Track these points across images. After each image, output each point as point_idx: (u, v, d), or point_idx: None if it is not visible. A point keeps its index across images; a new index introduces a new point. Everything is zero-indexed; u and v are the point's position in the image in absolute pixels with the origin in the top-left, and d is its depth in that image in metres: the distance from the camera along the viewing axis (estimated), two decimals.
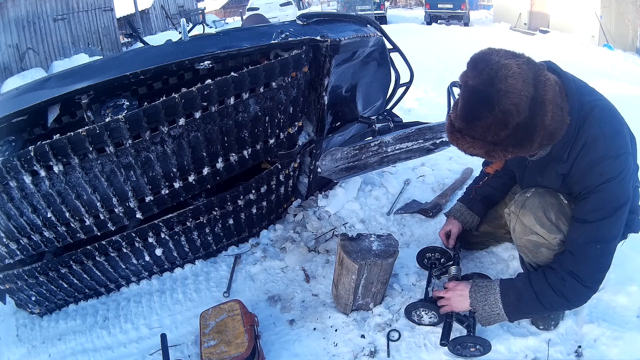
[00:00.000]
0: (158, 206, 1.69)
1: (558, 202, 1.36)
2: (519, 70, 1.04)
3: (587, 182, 1.22)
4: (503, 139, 1.07)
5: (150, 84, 2.02)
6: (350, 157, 2.10)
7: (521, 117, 1.03)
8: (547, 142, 1.12)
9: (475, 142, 1.10)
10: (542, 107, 1.06)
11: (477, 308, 1.40)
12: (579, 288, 1.26)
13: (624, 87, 4.95)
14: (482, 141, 1.09)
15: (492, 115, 1.04)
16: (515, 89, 1.02)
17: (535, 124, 1.06)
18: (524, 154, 1.14)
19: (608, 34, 9.91)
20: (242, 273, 1.99)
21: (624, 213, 1.23)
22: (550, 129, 1.08)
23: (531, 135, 1.07)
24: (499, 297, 1.36)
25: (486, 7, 20.24)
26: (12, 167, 1.40)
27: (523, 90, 1.03)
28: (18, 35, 10.02)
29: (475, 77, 1.07)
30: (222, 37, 1.68)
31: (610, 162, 1.18)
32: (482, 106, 1.05)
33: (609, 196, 1.20)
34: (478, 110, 1.06)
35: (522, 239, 1.41)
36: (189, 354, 1.62)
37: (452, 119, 1.15)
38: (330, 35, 1.75)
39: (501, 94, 1.02)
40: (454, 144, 1.17)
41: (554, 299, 1.29)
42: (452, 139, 1.17)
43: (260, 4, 15.40)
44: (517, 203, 1.42)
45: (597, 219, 1.22)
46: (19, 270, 1.78)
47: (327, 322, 1.67)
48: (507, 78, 1.03)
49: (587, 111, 1.21)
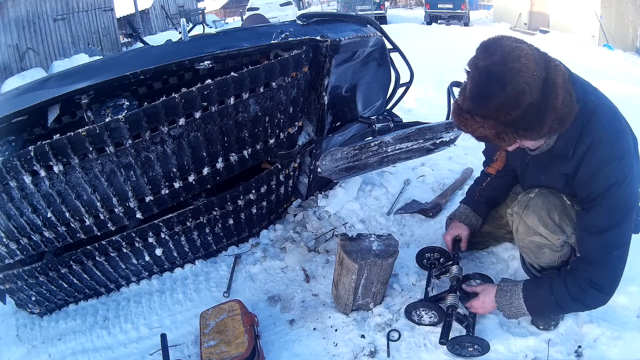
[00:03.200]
0: (158, 206, 1.69)
1: (561, 203, 1.35)
2: (531, 52, 1.05)
3: (594, 186, 1.22)
4: (514, 120, 1.06)
5: (150, 84, 2.02)
6: (350, 157, 2.10)
7: (533, 96, 1.03)
8: (557, 127, 1.11)
9: (486, 121, 1.08)
10: (554, 89, 1.05)
11: (503, 309, 1.47)
12: (599, 295, 1.29)
13: (624, 87, 4.95)
14: (494, 120, 1.07)
15: (505, 94, 1.03)
16: (528, 69, 1.02)
17: (547, 106, 1.05)
18: (534, 138, 1.13)
19: (608, 34, 9.91)
20: (242, 273, 1.99)
21: (633, 215, 1.24)
22: (561, 113, 1.08)
23: (542, 117, 1.06)
24: (522, 302, 1.41)
25: (486, 7, 20.24)
26: (12, 167, 1.40)
27: (535, 71, 1.03)
28: (18, 35, 10.01)
29: (487, 58, 1.07)
30: (222, 37, 1.68)
31: (616, 165, 1.18)
32: (494, 85, 1.04)
33: (619, 201, 1.21)
34: (490, 89, 1.05)
35: (525, 239, 1.41)
36: (189, 354, 1.62)
37: (460, 102, 1.13)
38: (330, 35, 1.75)
39: (514, 72, 1.02)
40: (462, 128, 1.15)
41: (574, 305, 1.33)
42: (460, 121, 1.14)
43: (260, 4, 15.39)
44: (520, 204, 1.42)
45: (610, 226, 1.22)
46: (19, 270, 1.78)
47: (327, 322, 1.67)
48: (520, 58, 1.03)
49: (592, 110, 1.20)
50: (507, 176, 1.75)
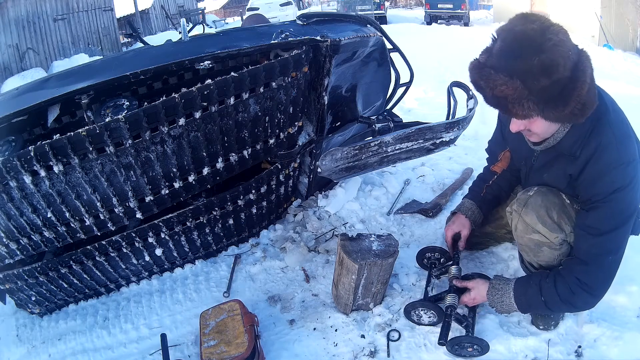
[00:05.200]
0: (158, 206, 1.69)
1: (560, 201, 1.36)
2: (569, 36, 1.05)
3: (597, 189, 1.22)
4: (540, 90, 1.04)
5: (150, 84, 2.02)
6: (350, 157, 2.10)
7: (564, 73, 1.02)
8: (578, 113, 1.09)
9: (512, 81, 1.04)
10: (583, 75, 1.05)
11: (495, 305, 1.49)
12: (588, 298, 1.29)
13: (624, 87, 4.94)
14: (521, 82, 1.03)
15: (539, 60, 1.01)
16: (565, 46, 1.02)
17: (574, 87, 1.04)
18: (552, 117, 1.12)
19: (608, 34, 9.91)
20: (242, 273, 1.99)
21: (632, 220, 1.24)
22: (584, 100, 1.07)
23: (568, 96, 1.05)
24: (513, 301, 1.43)
25: (486, 7, 20.23)
26: (12, 167, 1.40)
27: (571, 50, 1.03)
28: (18, 35, 10.01)
29: (526, 24, 1.04)
30: (222, 37, 1.68)
31: (622, 170, 1.18)
32: (529, 49, 1.02)
33: (621, 206, 1.21)
34: (524, 51, 1.03)
35: (523, 237, 1.42)
36: (189, 354, 1.62)
37: (484, 60, 1.10)
38: (330, 35, 1.75)
39: (551, 43, 1.01)
40: (481, 82, 1.10)
41: (563, 306, 1.34)
42: (480, 75, 1.09)
43: (260, 4, 15.39)
44: (519, 201, 1.42)
45: (610, 229, 1.22)
46: (19, 270, 1.78)
47: (327, 322, 1.67)
48: (558, 33, 1.03)
49: (603, 111, 1.20)
50: (511, 176, 1.74)
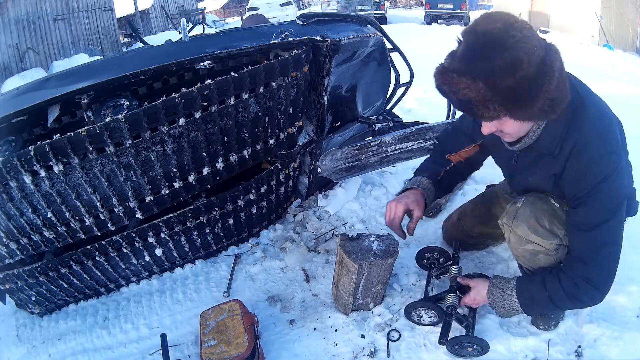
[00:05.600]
0: (158, 206, 1.69)
1: (549, 207, 1.34)
2: (534, 31, 1.02)
3: (583, 183, 1.19)
4: (505, 89, 0.99)
5: (150, 84, 2.02)
6: (350, 157, 2.10)
7: (530, 70, 0.97)
8: (548, 110, 1.04)
9: (474, 84, 1.00)
10: (550, 70, 1.00)
11: (496, 306, 1.43)
12: (594, 293, 1.26)
13: (624, 87, 4.95)
14: (484, 84, 0.99)
15: (502, 59, 0.97)
16: (530, 42, 0.98)
17: (541, 84, 0.99)
18: (520, 116, 1.07)
19: (608, 34, 9.92)
20: (242, 273, 1.99)
21: (623, 210, 1.22)
22: (553, 95, 1.02)
23: (535, 94, 1.00)
24: (515, 299, 1.38)
25: (486, 7, 20.22)
26: (12, 167, 1.40)
27: (536, 46, 0.99)
28: (18, 35, 10.02)
29: (489, 23, 1.01)
30: (222, 37, 1.69)
31: (606, 160, 1.15)
32: (491, 49, 0.98)
33: (608, 196, 1.18)
34: (486, 52, 0.99)
35: (518, 249, 1.40)
36: (189, 354, 1.62)
37: (447, 64, 1.05)
38: (330, 35, 1.75)
39: (515, 40, 0.97)
40: (444, 87, 1.05)
41: (569, 302, 1.30)
42: (443, 80, 1.05)
43: (260, 4, 15.39)
44: (509, 215, 1.40)
45: (601, 222, 1.19)
46: (19, 270, 1.78)
47: (327, 322, 1.67)
48: (522, 30, 0.99)
49: (579, 104, 1.16)
50: (464, 170, 1.66)
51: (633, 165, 1.34)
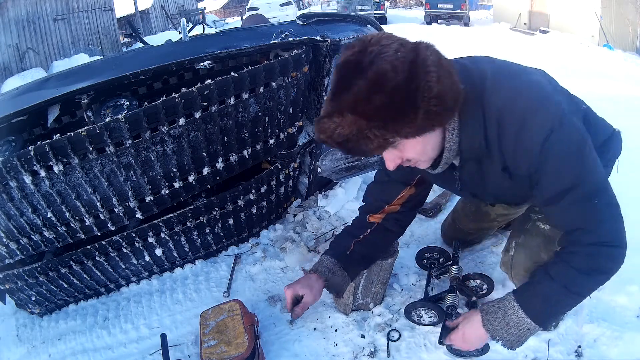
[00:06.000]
0: (158, 206, 1.69)
1: (541, 237, 1.25)
2: (396, 36, 0.90)
3: (528, 158, 1.00)
4: (379, 108, 0.84)
5: (150, 84, 2.02)
6: (350, 157, 2.10)
7: (399, 77, 0.83)
8: (438, 109, 0.87)
9: (344, 118, 0.86)
10: (424, 67, 0.84)
11: (500, 335, 1.16)
12: (613, 251, 1.05)
13: (624, 87, 4.94)
14: (352, 114, 0.85)
15: (364, 79, 0.83)
16: (391, 49, 0.85)
17: (417, 85, 0.83)
18: (408, 132, 0.89)
19: (608, 34, 9.92)
20: (242, 273, 1.99)
21: (589, 148, 1.01)
22: (437, 92, 0.85)
23: (414, 98, 0.84)
24: (522, 313, 1.12)
25: (486, 7, 20.24)
26: (12, 167, 1.40)
27: (399, 51, 0.85)
28: (18, 35, 10.02)
29: (347, 52, 0.90)
30: (222, 37, 1.69)
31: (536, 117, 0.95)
32: (352, 73, 0.86)
33: (563, 148, 0.97)
34: (347, 80, 0.86)
35: None
36: (189, 354, 1.61)
37: (321, 112, 0.93)
38: (330, 35, 1.76)
39: (374, 54, 0.85)
40: (320, 135, 0.91)
41: (591, 280, 1.07)
42: (317, 129, 0.92)
43: (260, 4, 15.40)
44: (505, 265, 1.35)
45: (575, 180, 0.99)
46: (19, 270, 1.78)
47: (327, 322, 1.67)
48: (380, 41, 0.87)
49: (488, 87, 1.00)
50: (394, 226, 1.43)
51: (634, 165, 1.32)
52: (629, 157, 2.35)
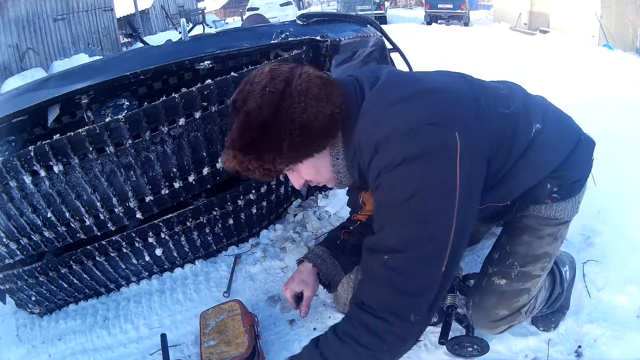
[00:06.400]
0: (158, 206, 1.69)
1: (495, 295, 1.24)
2: (271, 68, 0.94)
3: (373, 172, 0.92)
4: (250, 144, 0.91)
5: (150, 84, 2.02)
6: None
7: (264, 113, 0.89)
8: (301, 139, 0.90)
9: (229, 154, 0.95)
10: (291, 99, 0.89)
11: None
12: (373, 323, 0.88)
13: (624, 87, 4.94)
14: (232, 150, 0.94)
15: (237, 119, 0.92)
16: (259, 85, 0.91)
17: (281, 119, 0.89)
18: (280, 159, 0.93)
19: (608, 34, 9.91)
20: (242, 273, 1.99)
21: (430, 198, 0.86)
22: (301, 121, 0.89)
23: (279, 131, 0.89)
24: None
25: (486, 7, 20.24)
26: (12, 167, 1.40)
27: (269, 86, 0.90)
28: (18, 35, 10.02)
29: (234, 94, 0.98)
30: (222, 37, 1.69)
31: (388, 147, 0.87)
32: (231, 114, 0.95)
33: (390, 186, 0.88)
34: (230, 119, 0.96)
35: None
36: (189, 354, 1.61)
37: None
38: (330, 35, 1.76)
39: (245, 94, 0.92)
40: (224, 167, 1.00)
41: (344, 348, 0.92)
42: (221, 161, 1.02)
43: (260, 4, 15.40)
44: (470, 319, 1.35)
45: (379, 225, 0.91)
46: (19, 270, 1.78)
47: (327, 322, 1.67)
48: (254, 78, 0.94)
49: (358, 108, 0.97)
50: None
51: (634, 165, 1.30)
52: (629, 156, 2.35)
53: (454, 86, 1.00)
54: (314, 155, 0.97)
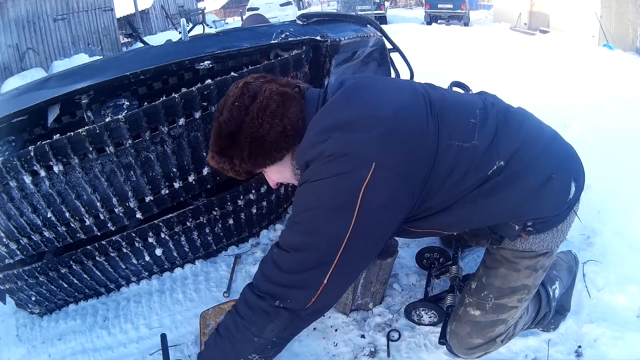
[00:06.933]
0: (158, 206, 1.69)
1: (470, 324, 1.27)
2: (245, 82, 1.07)
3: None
4: (222, 149, 1.06)
5: (150, 84, 2.02)
6: None
7: (232, 125, 1.04)
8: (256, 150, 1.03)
9: (209, 153, 1.10)
10: (252, 114, 1.02)
11: None
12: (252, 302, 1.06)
13: (624, 87, 4.94)
14: (211, 151, 1.09)
15: (214, 127, 1.08)
16: (231, 100, 1.05)
17: (243, 131, 1.03)
18: (244, 165, 1.07)
19: (608, 34, 9.91)
20: (242, 273, 1.99)
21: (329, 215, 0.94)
22: (256, 134, 1.02)
23: (239, 142, 1.04)
24: None
25: (486, 7, 20.24)
26: (12, 167, 1.40)
27: (238, 101, 1.04)
28: (18, 35, 10.01)
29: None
30: (222, 37, 1.69)
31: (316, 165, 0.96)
32: (214, 120, 1.10)
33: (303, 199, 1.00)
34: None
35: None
36: (189, 354, 1.61)
37: None
38: (330, 35, 1.76)
39: (222, 105, 1.07)
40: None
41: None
42: None
43: (260, 4, 15.40)
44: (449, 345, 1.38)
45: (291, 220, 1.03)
46: (19, 270, 1.78)
47: (327, 322, 1.67)
48: (231, 90, 1.08)
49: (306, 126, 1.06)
50: None
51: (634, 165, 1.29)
52: (629, 156, 2.35)
53: (400, 113, 0.98)
54: (275, 163, 1.09)
